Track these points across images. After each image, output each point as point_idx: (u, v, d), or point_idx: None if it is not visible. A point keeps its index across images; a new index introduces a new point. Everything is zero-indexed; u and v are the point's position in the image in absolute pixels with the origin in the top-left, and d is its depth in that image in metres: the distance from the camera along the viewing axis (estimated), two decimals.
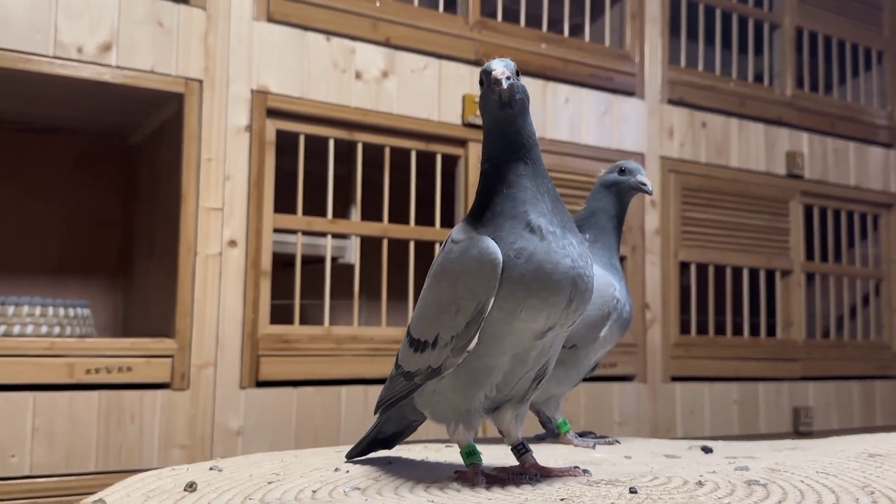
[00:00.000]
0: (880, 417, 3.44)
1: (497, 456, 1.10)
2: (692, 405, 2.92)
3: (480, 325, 0.90)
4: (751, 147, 3.17)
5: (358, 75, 2.37)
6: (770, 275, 3.22)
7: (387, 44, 2.43)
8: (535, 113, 2.65)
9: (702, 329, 3.05)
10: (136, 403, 2.01)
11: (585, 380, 2.65)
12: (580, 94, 2.79)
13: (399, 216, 2.46)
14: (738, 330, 3.13)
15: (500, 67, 0.93)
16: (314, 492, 0.92)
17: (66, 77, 1.99)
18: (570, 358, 1.33)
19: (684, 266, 3.00)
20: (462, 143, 2.53)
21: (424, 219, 2.50)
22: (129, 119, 2.48)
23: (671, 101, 2.99)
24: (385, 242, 2.41)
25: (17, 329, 2.10)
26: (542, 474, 0.97)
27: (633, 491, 0.87)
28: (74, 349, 1.97)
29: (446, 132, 2.50)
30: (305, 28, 2.31)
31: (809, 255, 3.34)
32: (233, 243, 2.15)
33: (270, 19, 2.26)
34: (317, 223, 2.31)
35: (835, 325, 3.42)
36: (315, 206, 2.34)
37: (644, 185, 1.38)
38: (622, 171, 1.38)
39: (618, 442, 1.35)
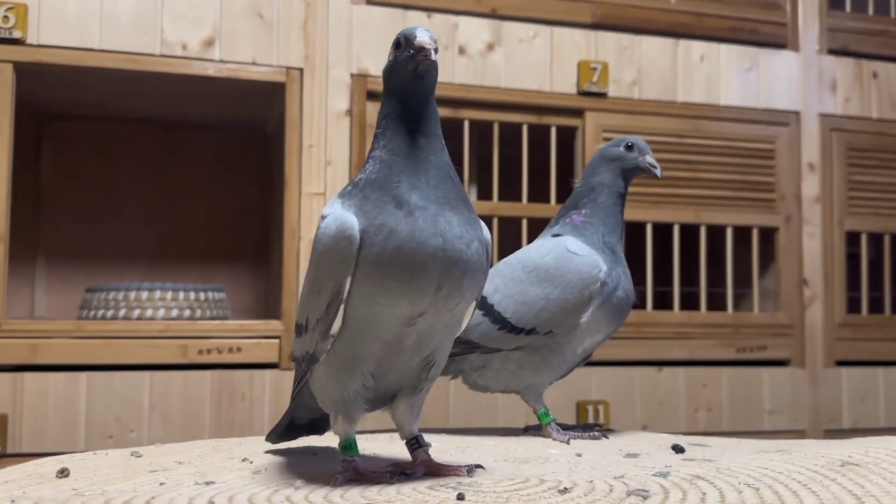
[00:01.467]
0: None
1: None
2: (862, 392, 2.59)
3: (339, 308, 0.83)
4: None
5: (461, 50, 2.31)
6: None
7: (492, 15, 2.35)
8: (664, 75, 2.46)
9: (875, 307, 2.69)
10: (246, 382, 2.10)
11: (728, 364, 2.45)
12: (718, 50, 2.54)
13: (510, 193, 2.37)
14: None
15: (427, 37, 0.86)
16: (161, 484, 0.88)
17: (172, 74, 2.11)
18: (547, 345, 1.22)
19: (852, 237, 2.65)
20: (579, 112, 2.40)
21: (538, 195, 2.40)
22: (260, 110, 2.59)
23: (832, 52, 2.65)
24: (496, 221, 2.34)
25: (150, 313, 2.27)
26: (431, 472, 0.88)
27: (460, 497, 0.77)
28: (187, 331, 2.09)
29: (560, 103, 2.38)
30: (406, 7, 2.28)
31: None
32: None
33: (370, 2, 2.26)
34: None
35: None
36: None
37: (654, 167, 1.25)
38: (629, 147, 1.26)
39: (605, 437, 1.21)
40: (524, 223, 2.36)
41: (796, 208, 2.58)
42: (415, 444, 0.93)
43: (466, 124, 2.33)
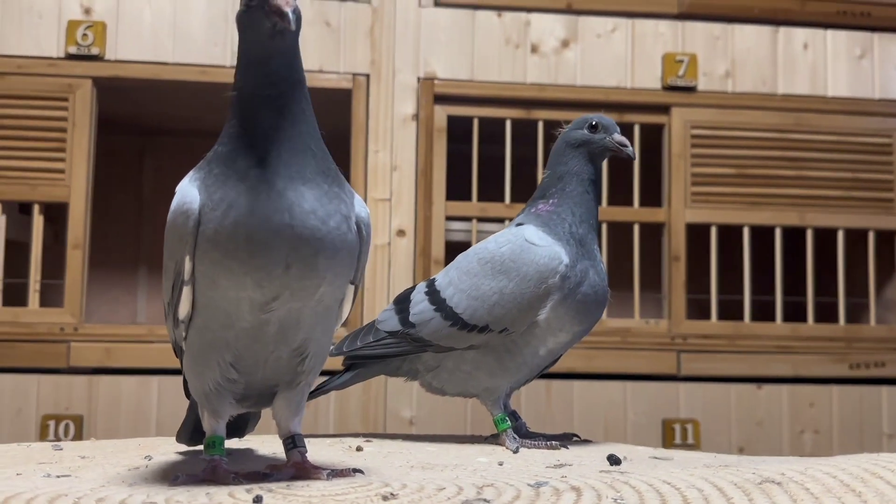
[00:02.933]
0: None
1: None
2: None
3: (182, 291, 0.77)
4: None
5: (534, 49, 2.22)
6: None
7: (567, 10, 2.24)
8: (763, 66, 2.26)
9: None
10: None
11: (840, 382, 2.21)
12: (824, 36, 2.31)
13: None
14: None
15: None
16: (18, 475, 0.85)
17: None
18: (503, 345, 1.10)
19: None
20: (665, 108, 2.25)
21: (622, 198, 2.26)
22: (340, 120, 2.60)
23: None
24: None
25: None
26: (300, 475, 0.81)
27: (256, 500, 0.71)
28: None
29: (644, 99, 2.24)
30: (476, 7, 2.22)
31: None
32: (401, 233, 2.15)
33: (438, 3, 2.21)
34: (492, 208, 2.21)
35: None
36: (494, 191, 2.24)
37: (625, 146, 1.12)
38: (593, 128, 1.13)
39: (566, 447, 1.08)
40: (605, 227, 2.23)
41: None
42: (290, 443, 0.85)
43: (540, 125, 2.23)
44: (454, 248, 2.20)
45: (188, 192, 0.78)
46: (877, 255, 2.30)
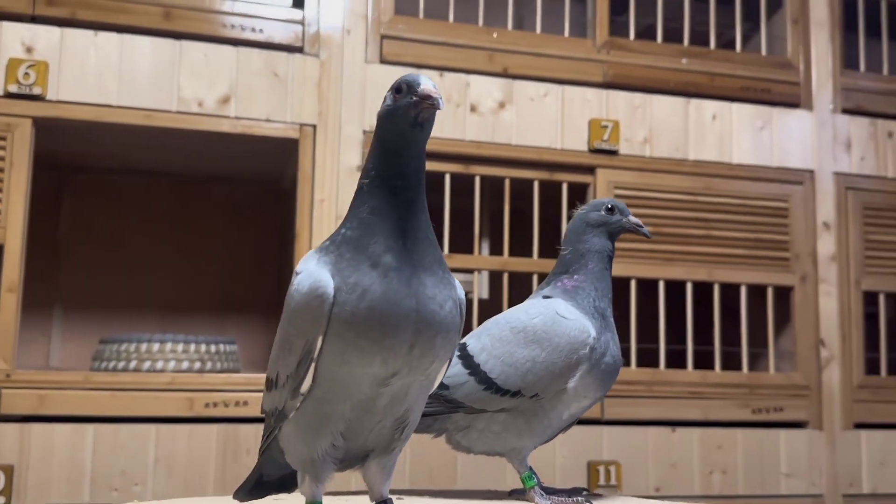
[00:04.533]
0: None
1: None
2: (882, 456, 2.52)
3: (310, 367, 0.83)
4: None
5: (473, 108, 2.34)
6: None
7: (504, 74, 2.38)
8: (676, 134, 2.47)
9: (895, 369, 2.64)
10: (252, 437, 2.09)
11: (744, 425, 2.40)
12: (730, 109, 2.55)
13: (522, 248, 2.37)
14: None
15: (431, 84, 0.85)
16: None
17: (188, 130, 2.15)
18: (532, 409, 1.20)
19: (869, 297, 2.61)
20: (591, 169, 2.41)
21: (548, 251, 2.39)
22: (275, 166, 2.63)
23: (847, 111, 2.65)
24: (506, 277, 2.33)
25: (160, 364, 2.27)
26: None
27: None
28: (194, 384, 2.09)
29: (572, 160, 2.39)
30: (419, 66, 2.32)
31: None
32: None
33: (383, 61, 2.30)
34: None
35: None
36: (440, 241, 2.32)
37: (640, 226, 1.25)
38: (610, 210, 1.26)
39: (589, 503, 1.18)
40: (535, 278, 2.36)
41: (812, 267, 2.55)
42: None
43: (478, 180, 2.34)
44: None
45: (321, 275, 0.83)
46: (775, 309, 2.53)
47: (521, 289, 2.35)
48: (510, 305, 2.30)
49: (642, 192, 2.43)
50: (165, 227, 2.80)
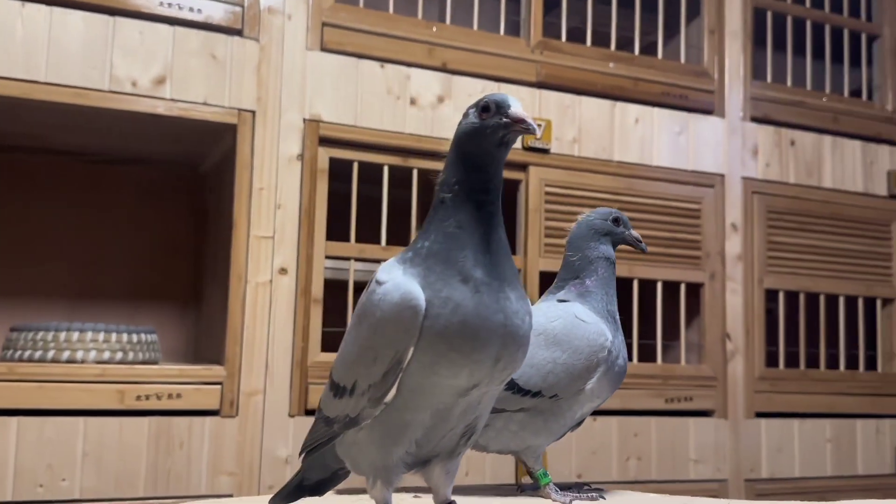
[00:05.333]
0: None
1: None
2: (779, 443, 2.71)
3: (398, 377, 0.83)
4: (846, 166, 2.95)
5: (413, 101, 2.35)
6: (870, 303, 2.98)
7: (443, 69, 2.40)
8: (602, 135, 2.56)
9: (791, 361, 2.84)
10: (185, 430, 2.04)
11: (657, 414, 2.53)
12: (652, 113, 2.67)
13: None
14: (832, 363, 2.90)
15: (521, 107, 0.87)
16: None
17: (120, 110, 2.06)
18: (550, 409, 1.24)
19: (771, 294, 2.81)
20: (522, 167, 2.46)
21: None
22: (196, 148, 2.54)
23: (755, 119, 2.82)
24: None
25: (80, 355, 2.17)
26: None
27: None
28: (125, 375, 2.01)
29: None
30: (360, 56, 2.31)
31: None
32: (283, 271, 2.16)
33: (324, 48, 2.27)
34: (369, 250, 2.29)
35: None
36: (371, 231, 2.32)
37: (640, 241, 1.32)
38: (616, 221, 1.32)
39: (603, 498, 1.24)
40: None
41: (720, 266, 2.71)
42: None
43: (415, 173, 2.36)
44: (332, 287, 2.26)
45: (412, 287, 0.82)
46: (686, 305, 2.68)
47: None
48: None
49: (570, 191, 2.51)
50: (75, 209, 2.66)
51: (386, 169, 2.33)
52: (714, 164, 2.74)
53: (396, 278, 0.85)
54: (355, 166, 2.29)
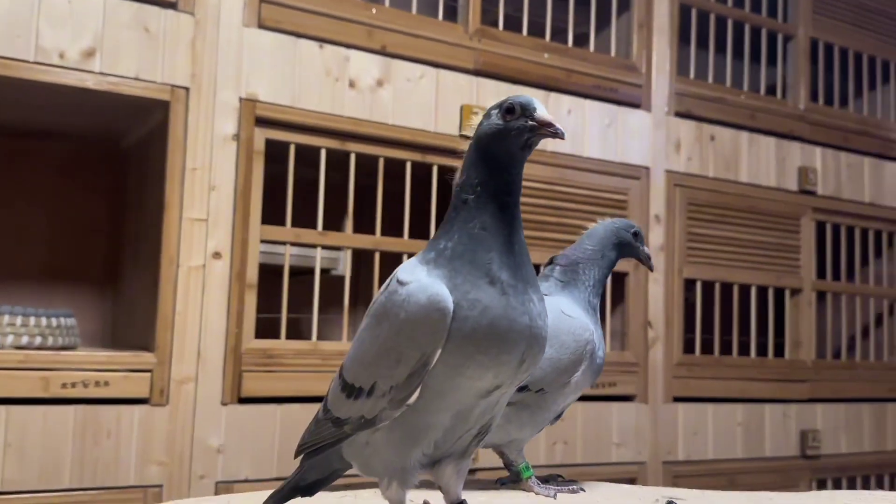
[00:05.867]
0: (891, 441, 3.33)
1: None
2: (695, 427, 2.83)
3: (423, 379, 0.82)
4: (761, 162, 3.07)
5: (352, 84, 2.31)
6: (779, 293, 3.13)
7: (382, 52, 2.37)
8: None
9: (707, 348, 2.96)
10: (114, 419, 1.96)
11: (582, 399, 2.59)
12: (583, 105, 2.71)
13: (393, 228, 2.39)
14: (744, 350, 3.04)
15: (545, 110, 0.88)
16: None
17: (47, 83, 1.94)
18: (536, 402, 1.25)
19: (689, 283, 2.91)
20: (460, 154, 2.45)
21: (419, 232, 2.43)
22: (119, 124, 2.43)
23: (678, 114, 2.91)
24: (377, 256, 2.34)
25: None
26: None
27: None
28: (50, 362, 1.91)
29: (443, 143, 2.43)
30: (298, 35, 2.25)
31: (821, 274, 3.24)
32: (217, 255, 2.10)
33: (261, 26, 2.20)
34: (306, 235, 2.25)
35: (846, 346, 3.31)
36: (307, 215, 2.27)
37: (650, 259, 1.36)
38: (636, 236, 1.35)
39: (583, 490, 1.27)
40: (405, 258, 2.38)
41: None
42: None
43: (353, 157, 2.32)
44: (266, 272, 2.22)
45: (440, 289, 0.80)
46: (612, 293, 2.74)
47: (391, 267, 2.37)
48: (380, 285, 2.32)
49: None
50: None
51: (323, 152, 2.28)
52: (640, 156, 2.81)
53: (422, 279, 0.83)
54: (292, 148, 2.24)
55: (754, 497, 1.24)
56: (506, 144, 0.87)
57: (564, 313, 1.25)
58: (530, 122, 0.86)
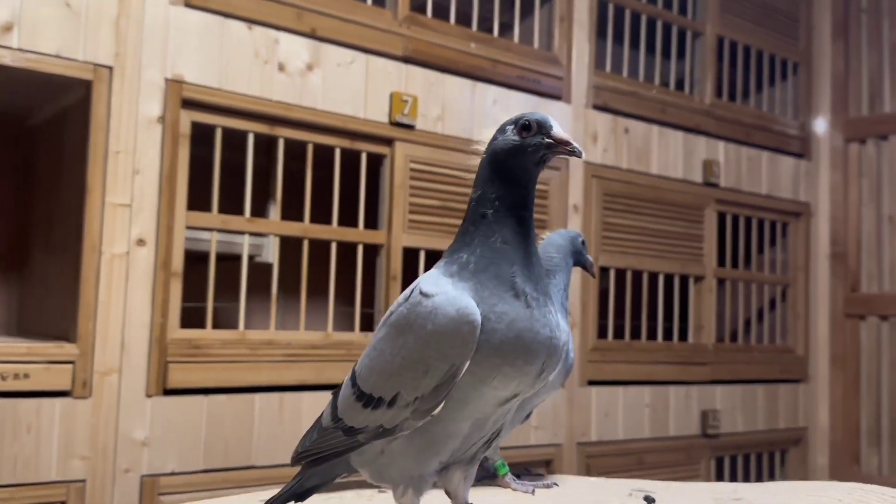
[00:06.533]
0: (783, 420, 3.56)
1: None
2: (606, 409, 2.94)
3: (449, 388, 0.84)
4: (670, 154, 3.20)
5: (281, 67, 2.26)
6: (684, 280, 3.28)
7: (312, 35, 2.33)
8: (464, 114, 2.60)
9: (619, 334, 3.08)
10: (33, 413, 1.87)
11: None
12: (508, 95, 2.75)
13: (322, 215, 2.37)
14: (652, 334, 3.17)
15: (560, 128, 0.90)
16: None
17: None
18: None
19: (604, 271, 3.01)
20: (388, 142, 2.46)
21: (348, 219, 2.42)
22: (29, 101, 2.30)
23: (596, 107, 2.99)
24: (306, 243, 2.31)
25: None
26: None
27: None
28: None
29: (372, 130, 2.42)
30: (226, 15, 2.18)
31: (721, 262, 3.41)
32: (141, 242, 2.03)
33: (188, 4, 2.13)
34: (233, 222, 2.20)
35: (743, 330, 3.50)
36: (234, 201, 2.22)
37: (593, 266, 1.45)
38: (583, 244, 1.44)
39: (556, 484, 1.32)
40: (333, 246, 2.37)
41: None
42: None
43: (281, 143, 2.28)
44: (192, 259, 2.16)
45: (467, 301, 0.81)
46: None
47: (319, 254, 2.36)
48: (309, 271, 2.30)
49: (434, 168, 2.53)
50: None
51: (251, 136, 2.23)
52: None
53: (448, 292, 0.84)
54: (219, 132, 2.18)
55: (717, 488, 1.31)
56: (522, 160, 0.90)
57: None
58: (547, 140, 0.88)
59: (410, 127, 2.48)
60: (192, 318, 2.17)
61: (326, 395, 2.23)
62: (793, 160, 3.68)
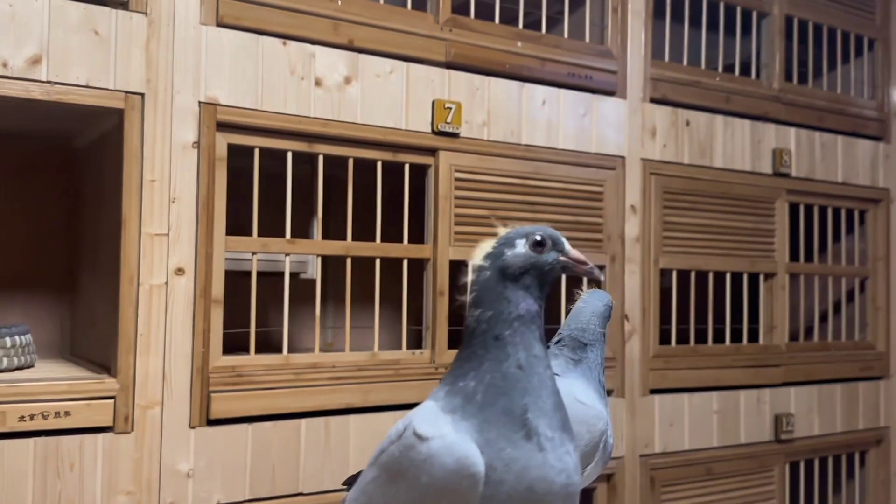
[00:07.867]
0: (863, 421, 3.36)
1: None
2: (671, 418, 2.81)
3: None
4: (736, 145, 3.02)
5: (318, 82, 2.19)
6: (753, 278, 3.10)
7: (349, 46, 2.24)
8: (511, 118, 2.49)
9: (682, 338, 2.93)
10: (76, 449, 1.86)
11: None
12: (558, 95, 2.61)
13: (365, 230, 2.29)
14: (719, 337, 3.02)
15: (574, 251, 0.87)
16: None
17: None
18: None
19: (665, 274, 2.86)
20: (432, 151, 2.36)
21: (392, 233, 2.34)
22: (67, 126, 2.29)
23: (654, 100, 2.83)
24: (349, 262, 2.25)
25: None
26: None
27: None
28: (5, 395, 1.80)
29: (415, 141, 2.33)
30: (260, 32, 2.12)
31: (794, 256, 3.22)
32: (180, 271, 1.99)
33: (220, 23, 2.07)
34: (274, 244, 2.14)
35: (818, 327, 3.31)
36: (274, 221, 2.17)
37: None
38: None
39: None
40: (377, 263, 2.30)
41: (620, 247, 2.73)
42: None
43: (321, 159, 2.21)
44: (232, 281, 2.11)
45: (469, 450, 0.72)
46: (588, 287, 2.68)
47: (365, 273, 2.29)
48: (353, 289, 2.23)
49: (480, 176, 2.43)
50: None
51: (290, 156, 2.17)
52: (616, 146, 2.74)
53: (446, 435, 0.75)
54: (256, 153, 2.13)
55: None
56: (539, 276, 0.86)
57: (578, 400, 1.19)
58: (563, 259, 0.82)
59: (454, 135, 2.38)
60: (233, 344, 2.13)
61: (373, 418, 2.18)
62: (870, 143, 3.44)
